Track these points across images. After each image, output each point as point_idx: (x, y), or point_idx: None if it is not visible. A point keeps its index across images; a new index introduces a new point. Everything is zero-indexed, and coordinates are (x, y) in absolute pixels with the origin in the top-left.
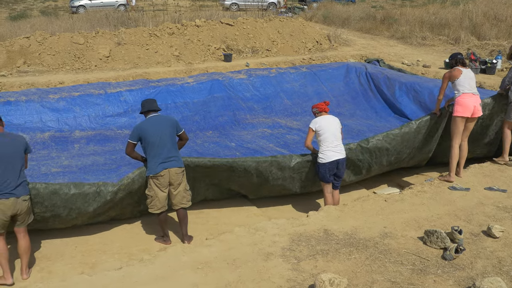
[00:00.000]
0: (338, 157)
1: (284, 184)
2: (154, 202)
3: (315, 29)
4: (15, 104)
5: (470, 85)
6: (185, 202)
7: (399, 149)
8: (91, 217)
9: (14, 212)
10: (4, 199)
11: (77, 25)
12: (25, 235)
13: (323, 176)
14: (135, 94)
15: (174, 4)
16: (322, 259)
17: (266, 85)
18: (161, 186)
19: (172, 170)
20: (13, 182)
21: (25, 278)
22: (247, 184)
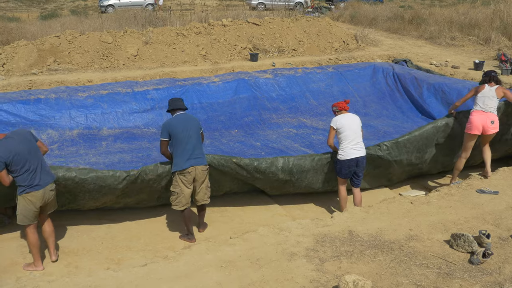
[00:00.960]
0: (357, 155)
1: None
2: (179, 199)
3: (342, 29)
4: (45, 102)
5: (484, 103)
6: (206, 199)
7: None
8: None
9: (43, 202)
10: (34, 191)
11: (106, 24)
12: (49, 221)
13: (339, 171)
14: (161, 92)
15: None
16: (346, 260)
17: (292, 85)
18: (187, 183)
19: (198, 167)
20: (37, 175)
21: (53, 260)
22: (270, 183)
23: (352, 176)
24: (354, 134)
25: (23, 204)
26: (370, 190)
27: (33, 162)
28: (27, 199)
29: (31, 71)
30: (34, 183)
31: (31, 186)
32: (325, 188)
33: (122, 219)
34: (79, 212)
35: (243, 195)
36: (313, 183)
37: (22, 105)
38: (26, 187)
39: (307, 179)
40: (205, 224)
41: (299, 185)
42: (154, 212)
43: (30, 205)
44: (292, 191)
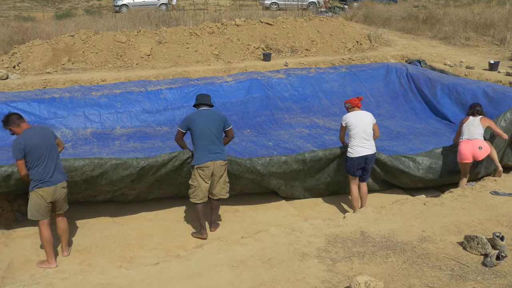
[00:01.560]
0: (366, 153)
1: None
2: (196, 192)
3: (355, 29)
4: (59, 101)
5: (470, 132)
6: (223, 193)
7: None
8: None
9: (53, 199)
10: (46, 187)
11: (119, 24)
12: (63, 218)
13: (349, 169)
14: (174, 92)
15: (214, 3)
16: (358, 261)
17: (304, 85)
18: (205, 177)
19: (217, 162)
20: (50, 171)
21: (65, 255)
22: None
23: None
24: (363, 132)
25: (35, 199)
26: (382, 191)
27: (48, 159)
28: (39, 194)
29: (46, 70)
30: (46, 178)
31: (42, 181)
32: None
33: (135, 218)
34: (93, 210)
35: (255, 195)
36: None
37: (36, 104)
38: (38, 182)
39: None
40: (217, 224)
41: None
42: (166, 211)
43: (41, 200)
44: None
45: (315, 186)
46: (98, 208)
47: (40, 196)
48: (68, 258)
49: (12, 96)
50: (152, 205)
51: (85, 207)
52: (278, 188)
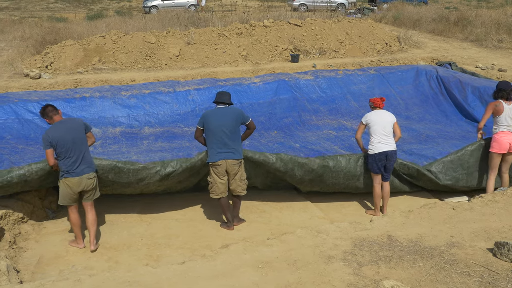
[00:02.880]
0: (386, 149)
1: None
2: (213, 188)
3: (385, 31)
4: (89, 100)
5: (508, 123)
6: (240, 191)
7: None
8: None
9: (81, 189)
10: (71, 177)
11: (149, 25)
12: (91, 209)
13: (371, 166)
14: (202, 93)
15: (243, 4)
16: (384, 265)
17: (332, 86)
18: (219, 174)
19: (229, 161)
20: (77, 163)
21: (92, 250)
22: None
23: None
24: (382, 129)
25: (62, 187)
26: (410, 195)
27: (75, 151)
28: (65, 184)
29: (77, 70)
30: (71, 170)
31: (68, 172)
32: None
33: (162, 217)
34: (121, 209)
35: (281, 197)
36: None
37: (67, 103)
38: (64, 172)
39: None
40: (241, 219)
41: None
42: (193, 212)
43: (67, 189)
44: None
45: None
46: (126, 206)
47: (66, 185)
48: (96, 255)
49: (44, 95)
50: (179, 205)
51: (113, 206)
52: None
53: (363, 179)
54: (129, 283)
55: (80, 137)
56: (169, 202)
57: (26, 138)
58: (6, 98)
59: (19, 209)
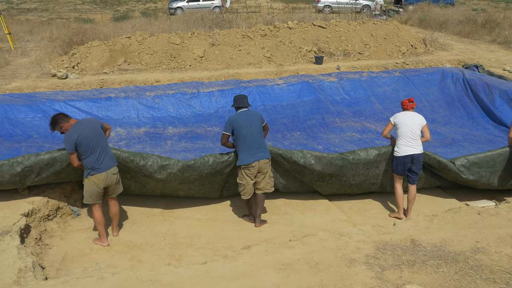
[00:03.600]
0: (413, 152)
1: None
2: (246, 190)
3: (410, 33)
4: (114, 100)
5: None
6: (269, 188)
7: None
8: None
9: (106, 184)
10: (98, 173)
11: (174, 26)
12: (115, 203)
13: (395, 168)
14: (226, 94)
15: (267, 6)
16: (407, 269)
17: (356, 88)
18: (251, 175)
19: (261, 161)
20: (101, 159)
21: (115, 235)
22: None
23: (408, 173)
24: (410, 132)
25: (88, 185)
26: (434, 199)
27: (98, 148)
28: (92, 181)
29: (103, 71)
30: (97, 166)
31: (94, 168)
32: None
33: (184, 217)
34: (144, 209)
35: (303, 199)
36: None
37: (93, 103)
38: (90, 170)
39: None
40: (263, 221)
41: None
42: (214, 211)
43: (94, 186)
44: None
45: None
46: (149, 206)
47: (93, 182)
48: (119, 254)
49: (71, 95)
50: (202, 205)
51: (137, 205)
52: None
53: (384, 167)
54: (151, 282)
55: (100, 132)
56: (192, 202)
57: (53, 137)
58: (34, 97)
59: (45, 207)
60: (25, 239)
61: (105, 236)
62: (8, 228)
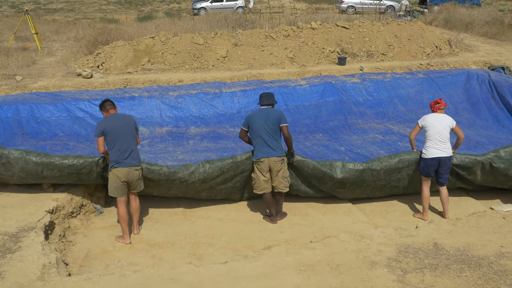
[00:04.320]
0: (440, 155)
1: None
2: (256, 184)
3: (435, 33)
4: (138, 99)
5: None
6: (282, 188)
7: None
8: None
9: (127, 179)
10: (120, 167)
11: (197, 26)
12: (135, 198)
13: (422, 170)
14: (248, 94)
15: (291, 6)
16: (430, 273)
17: (380, 90)
18: (262, 171)
19: (271, 158)
20: (126, 154)
21: (136, 233)
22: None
23: (435, 175)
24: (438, 134)
25: (112, 178)
26: (458, 202)
27: (124, 143)
28: (114, 174)
29: (127, 70)
30: (120, 160)
31: (118, 162)
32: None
33: (206, 217)
34: (166, 208)
35: (324, 200)
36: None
37: (117, 103)
38: (114, 163)
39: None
40: (283, 214)
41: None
42: (236, 211)
43: (116, 179)
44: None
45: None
46: (170, 205)
47: (115, 175)
48: (141, 252)
49: (95, 94)
50: (223, 205)
51: (159, 204)
52: None
53: (406, 173)
54: (172, 281)
55: (130, 130)
56: (213, 201)
57: (77, 135)
58: (60, 96)
59: (69, 204)
60: (49, 235)
61: (127, 233)
62: (33, 224)
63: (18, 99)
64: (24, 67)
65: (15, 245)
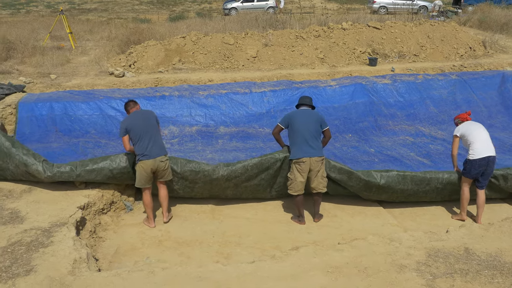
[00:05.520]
0: (489, 154)
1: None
2: (292, 184)
3: (469, 34)
4: (168, 99)
5: None
6: (321, 188)
7: None
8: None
9: (153, 169)
10: (145, 159)
11: (228, 26)
12: (164, 187)
13: (468, 172)
14: (278, 94)
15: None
16: (460, 279)
17: (411, 91)
18: (301, 171)
19: (313, 158)
20: (149, 146)
21: (165, 221)
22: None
23: (479, 177)
24: (484, 133)
25: (138, 170)
26: (491, 207)
27: (147, 137)
28: (140, 166)
29: (158, 69)
30: (145, 152)
31: (143, 155)
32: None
33: (234, 216)
34: (194, 206)
35: (353, 202)
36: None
37: (148, 102)
38: (140, 156)
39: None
40: (320, 215)
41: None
42: (264, 211)
43: (142, 170)
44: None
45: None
46: (199, 204)
47: (141, 167)
48: (169, 249)
49: (127, 93)
50: (251, 205)
51: (188, 202)
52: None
53: (434, 184)
54: (199, 279)
55: (151, 123)
56: (241, 201)
57: (109, 133)
58: (92, 94)
59: (100, 201)
60: (81, 231)
61: (152, 218)
62: (65, 220)
63: (53, 97)
64: (58, 66)
65: (48, 239)
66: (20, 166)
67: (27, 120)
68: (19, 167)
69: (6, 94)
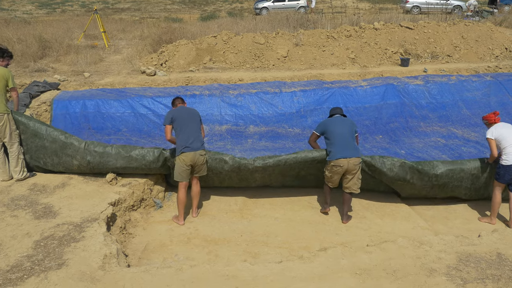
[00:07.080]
0: None
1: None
2: (330, 181)
3: (505, 35)
4: (199, 97)
5: None
6: (355, 189)
7: None
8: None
9: (193, 162)
10: (187, 152)
11: (259, 26)
12: (197, 183)
13: (502, 176)
14: (308, 94)
15: (353, 6)
16: (492, 284)
17: (443, 92)
18: (335, 173)
19: (351, 160)
20: (191, 139)
21: (194, 216)
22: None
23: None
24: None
25: (178, 163)
26: None
27: (189, 131)
28: (181, 159)
29: (189, 68)
30: (186, 144)
31: (184, 146)
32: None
33: (262, 215)
34: (224, 205)
35: (383, 204)
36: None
37: None
38: (181, 147)
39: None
40: (349, 217)
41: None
42: (292, 211)
43: (182, 163)
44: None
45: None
46: (227, 203)
47: (182, 159)
48: (198, 247)
49: (158, 91)
50: (280, 205)
51: (217, 201)
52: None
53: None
54: (227, 277)
55: (195, 120)
56: (270, 201)
57: (140, 131)
58: (124, 93)
59: (130, 198)
60: (111, 227)
61: (182, 216)
62: (96, 215)
63: (86, 95)
64: (92, 64)
65: (79, 234)
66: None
67: (61, 117)
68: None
69: (41, 92)
